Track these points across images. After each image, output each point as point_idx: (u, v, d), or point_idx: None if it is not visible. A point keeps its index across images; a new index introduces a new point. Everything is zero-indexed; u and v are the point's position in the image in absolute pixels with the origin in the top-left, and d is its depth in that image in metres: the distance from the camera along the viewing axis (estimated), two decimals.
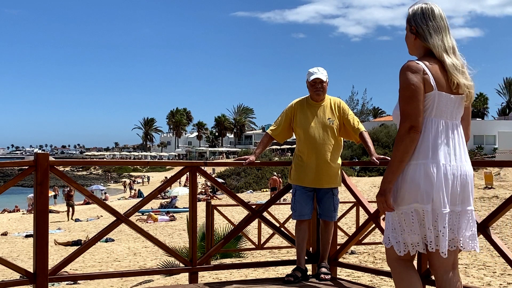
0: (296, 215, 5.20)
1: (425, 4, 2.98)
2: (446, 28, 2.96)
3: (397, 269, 3.00)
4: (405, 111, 2.85)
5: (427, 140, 2.88)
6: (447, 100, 2.91)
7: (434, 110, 2.90)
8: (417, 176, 2.83)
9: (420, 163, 2.85)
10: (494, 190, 24.80)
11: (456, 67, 2.91)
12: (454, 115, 2.96)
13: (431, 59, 2.92)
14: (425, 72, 2.86)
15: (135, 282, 9.73)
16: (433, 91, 2.87)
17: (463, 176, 2.92)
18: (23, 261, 13.85)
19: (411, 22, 2.99)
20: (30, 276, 4.51)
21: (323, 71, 5.17)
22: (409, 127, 2.82)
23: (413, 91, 2.83)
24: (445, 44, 2.92)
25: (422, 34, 2.94)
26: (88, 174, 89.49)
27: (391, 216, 2.94)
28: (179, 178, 5.69)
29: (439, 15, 2.96)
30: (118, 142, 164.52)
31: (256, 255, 10.82)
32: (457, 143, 2.94)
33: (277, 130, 5.32)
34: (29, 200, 32.19)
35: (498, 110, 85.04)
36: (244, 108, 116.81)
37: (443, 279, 2.98)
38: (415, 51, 3.03)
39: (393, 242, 2.94)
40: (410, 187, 2.84)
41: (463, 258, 8.83)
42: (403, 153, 2.83)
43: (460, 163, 2.91)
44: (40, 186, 4.48)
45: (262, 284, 5.06)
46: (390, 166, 2.87)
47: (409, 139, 2.82)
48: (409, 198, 2.85)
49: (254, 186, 39.16)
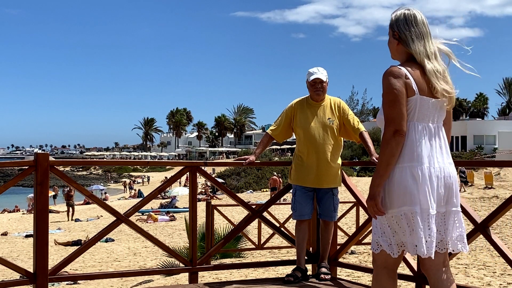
0: (296, 215, 5.20)
1: (408, 10, 3.04)
2: (428, 34, 3.01)
3: (381, 277, 3.07)
4: (389, 115, 2.91)
5: (410, 143, 2.93)
6: (429, 104, 2.97)
7: (416, 114, 2.96)
8: (403, 179, 2.89)
9: (405, 166, 2.90)
10: (494, 190, 24.82)
11: (436, 73, 2.96)
12: (436, 118, 3.02)
13: (413, 64, 2.98)
14: (407, 77, 2.92)
15: (135, 282, 9.74)
16: (415, 95, 2.93)
17: (447, 177, 2.97)
18: (23, 261, 13.85)
19: (394, 28, 3.05)
20: (30, 276, 4.51)
21: (323, 71, 5.17)
22: (394, 131, 2.88)
23: (396, 96, 2.89)
24: (426, 50, 2.98)
25: (404, 40, 3.00)
26: (88, 174, 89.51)
27: (380, 220, 2.98)
28: (179, 178, 5.69)
29: (421, 21, 3.02)
30: (118, 142, 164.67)
31: (256, 255, 10.83)
32: (439, 145, 3.01)
33: (277, 130, 5.32)
34: (29, 200, 32.19)
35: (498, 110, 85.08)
36: (244, 108, 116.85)
37: (435, 278, 3.02)
38: (398, 56, 3.08)
39: (385, 246, 2.96)
40: (398, 190, 2.89)
41: (463, 258, 8.83)
42: (390, 156, 2.88)
43: (443, 165, 2.97)
44: (40, 186, 4.48)
45: (262, 284, 5.07)
46: (377, 170, 2.92)
47: (394, 142, 2.88)
48: (398, 201, 2.89)
49: (254, 186, 39.17)
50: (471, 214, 4.35)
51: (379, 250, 2.99)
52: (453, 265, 8.15)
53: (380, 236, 2.98)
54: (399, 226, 2.90)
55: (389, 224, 2.94)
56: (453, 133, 58.61)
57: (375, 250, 3.01)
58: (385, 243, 2.96)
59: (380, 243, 2.97)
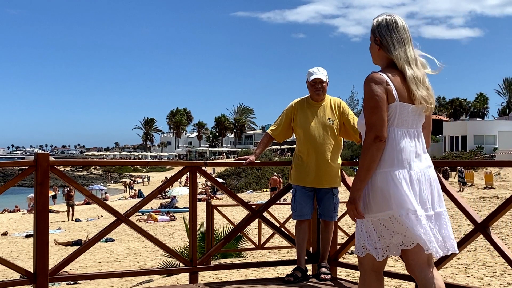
0: (296, 215, 5.20)
1: (389, 16, 3.09)
2: (408, 39, 3.06)
3: (368, 280, 3.11)
4: (370, 121, 2.96)
5: (391, 148, 2.98)
6: (409, 110, 3.02)
7: (396, 120, 3.00)
8: (386, 183, 2.94)
9: (388, 171, 2.95)
10: (494, 190, 24.81)
11: (416, 79, 3.01)
12: (415, 123, 3.08)
13: (393, 70, 3.03)
14: (388, 84, 2.97)
15: (135, 282, 9.74)
16: (395, 102, 2.98)
17: (428, 180, 3.02)
18: (23, 261, 13.85)
19: (375, 33, 3.09)
20: (30, 276, 4.51)
21: (323, 71, 5.17)
22: (375, 137, 2.93)
23: (377, 102, 2.94)
24: (407, 56, 3.03)
25: (385, 45, 3.05)
26: (88, 174, 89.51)
27: (365, 224, 3.02)
28: (179, 178, 5.69)
29: (402, 27, 3.06)
30: (118, 142, 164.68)
31: (256, 255, 10.82)
32: (419, 149, 3.06)
33: (277, 130, 5.32)
34: (29, 200, 32.19)
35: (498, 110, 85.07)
36: (244, 108, 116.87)
37: (421, 277, 3.06)
38: (379, 61, 3.12)
39: (370, 249, 3.00)
40: (382, 195, 2.94)
41: (463, 258, 8.83)
42: (370, 162, 2.94)
43: (423, 168, 3.03)
44: (40, 186, 4.48)
45: (262, 284, 5.07)
46: (358, 174, 2.97)
47: (375, 148, 2.93)
48: (383, 206, 2.93)
49: (254, 186, 39.17)
50: (471, 214, 4.35)
51: (365, 253, 3.03)
52: (453, 265, 8.15)
53: (365, 239, 3.02)
54: (386, 228, 2.94)
55: (375, 228, 2.98)
56: (453, 133, 58.42)
57: (360, 254, 3.06)
58: (371, 246, 3.00)
59: (366, 247, 3.02)
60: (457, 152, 49.52)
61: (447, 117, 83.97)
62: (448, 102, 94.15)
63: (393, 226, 2.93)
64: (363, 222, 3.02)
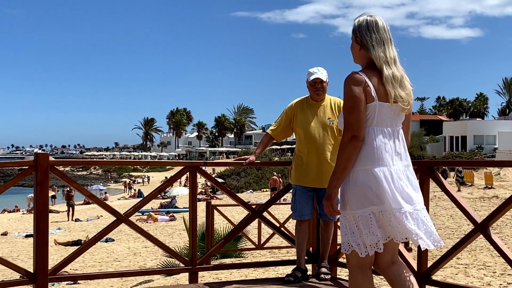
0: (296, 215, 5.20)
1: (370, 16, 3.17)
2: (388, 40, 3.13)
3: (356, 277, 3.15)
4: (347, 120, 3.04)
5: (372, 147, 3.05)
6: (388, 109, 3.09)
7: (376, 119, 3.07)
8: (368, 180, 3.01)
9: (369, 169, 3.02)
10: (494, 190, 24.80)
11: (393, 78, 3.07)
12: (395, 122, 3.15)
13: (373, 70, 3.10)
14: (367, 83, 3.04)
15: (135, 282, 9.74)
16: (374, 101, 3.05)
17: (406, 179, 3.09)
18: (23, 261, 13.85)
19: (356, 33, 3.16)
20: (30, 276, 4.51)
21: (323, 71, 5.17)
22: (351, 136, 3.01)
23: (355, 103, 3.02)
24: (386, 56, 3.09)
25: (366, 45, 3.12)
26: (88, 174, 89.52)
27: (348, 221, 3.07)
28: (179, 178, 5.69)
29: (382, 27, 3.13)
30: (118, 142, 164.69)
31: (256, 255, 10.82)
32: (398, 148, 3.13)
33: (277, 130, 5.33)
34: (29, 200, 32.19)
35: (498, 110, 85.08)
36: (244, 108, 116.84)
37: (389, 273, 3.17)
38: (360, 61, 3.20)
39: (354, 245, 3.05)
40: (363, 192, 3.01)
41: (463, 258, 8.83)
42: (346, 160, 3.03)
43: (402, 167, 3.10)
44: (40, 186, 4.48)
45: (262, 284, 5.07)
46: (334, 172, 3.07)
47: (351, 147, 3.02)
48: (364, 202, 3.00)
49: (254, 186, 39.19)
50: (471, 214, 4.35)
51: (350, 250, 3.07)
52: (453, 265, 8.15)
53: (350, 236, 3.07)
54: (365, 225, 3.00)
55: (357, 224, 3.03)
56: (453, 133, 58.30)
57: (346, 251, 3.10)
58: (354, 243, 3.05)
59: (351, 243, 3.06)
60: (457, 152, 49.49)
61: (447, 117, 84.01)
62: (448, 102, 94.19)
63: (374, 222, 2.99)
64: (346, 219, 3.08)
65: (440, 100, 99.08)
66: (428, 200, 4.72)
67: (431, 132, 61.36)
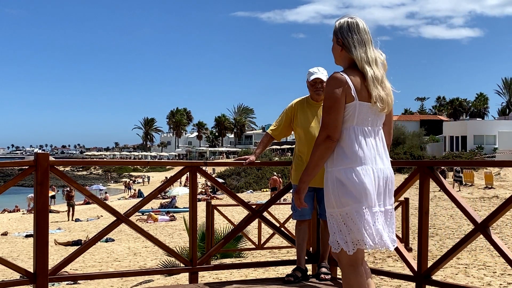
0: (296, 215, 5.20)
1: (351, 18, 3.22)
2: (369, 41, 3.19)
3: (349, 275, 3.17)
4: (324, 120, 3.10)
5: (354, 146, 3.09)
6: (368, 109, 3.13)
7: (356, 119, 3.11)
8: (352, 179, 3.04)
9: (352, 167, 3.06)
10: (494, 190, 24.80)
11: (374, 79, 3.12)
12: (375, 122, 3.19)
13: (354, 70, 3.15)
14: (348, 84, 3.08)
15: (135, 282, 9.74)
16: (354, 101, 3.09)
17: (385, 177, 3.15)
18: (23, 261, 13.85)
19: (337, 35, 3.22)
20: (30, 276, 4.51)
21: (323, 71, 5.17)
22: (326, 136, 3.07)
23: (333, 103, 3.08)
24: (367, 56, 3.15)
25: (347, 46, 3.17)
26: (88, 174, 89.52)
27: (335, 219, 3.10)
28: (179, 178, 5.68)
29: (363, 29, 3.19)
30: (118, 142, 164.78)
31: (256, 255, 10.82)
32: (379, 148, 3.18)
33: (277, 130, 5.33)
34: (29, 200, 32.20)
35: (498, 110, 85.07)
36: (244, 108, 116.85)
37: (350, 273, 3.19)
38: (341, 62, 3.25)
39: (342, 243, 3.08)
40: (346, 190, 3.05)
41: (463, 258, 8.83)
42: (319, 158, 3.11)
43: (383, 166, 3.15)
44: (40, 186, 4.48)
45: (262, 284, 5.06)
46: (306, 169, 3.17)
47: (324, 146, 3.08)
48: (348, 200, 3.04)
49: (254, 186, 39.18)
50: (471, 214, 4.34)
51: (340, 249, 3.10)
52: (453, 265, 8.15)
53: (338, 234, 3.10)
54: (353, 223, 3.04)
55: (345, 222, 3.07)
56: (453, 133, 58.36)
57: (336, 250, 3.12)
58: (342, 240, 3.08)
59: (339, 241, 3.09)
60: (457, 152, 49.47)
61: (447, 117, 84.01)
62: (448, 102, 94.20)
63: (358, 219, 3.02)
64: (333, 217, 3.11)
65: (440, 100, 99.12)
66: (428, 200, 4.72)
67: (431, 132, 61.37)
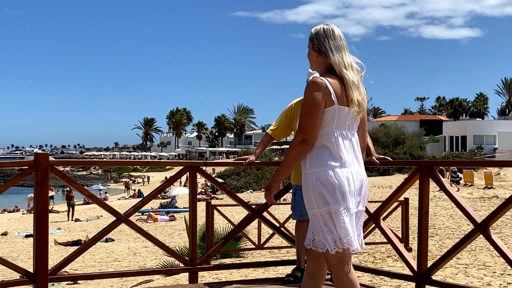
0: (296, 215, 5.20)
1: (327, 25, 3.30)
2: (344, 47, 3.27)
3: (339, 274, 3.21)
4: (301, 124, 3.15)
5: (333, 148, 3.16)
6: (346, 113, 3.20)
7: (335, 122, 3.17)
8: (331, 180, 3.10)
9: (331, 169, 3.12)
10: (494, 190, 24.81)
11: (352, 83, 3.19)
12: (351, 126, 3.26)
13: (332, 75, 3.21)
14: (328, 88, 3.14)
15: (135, 282, 9.74)
16: (334, 105, 3.15)
17: (361, 180, 3.23)
18: (23, 261, 13.85)
19: (314, 41, 3.29)
20: (30, 276, 4.52)
21: None
22: (302, 140, 3.13)
23: (312, 108, 3.12)
24: (344, 61, 3.22)
25: (324, 52, 3.24)
26: (88, 174, 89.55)
27: (317, 219, 3.15)
28: (179, 178, 5.69)
29: (338, 35, 3.27)
30: (118, 142, 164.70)
31: (256, 255, 10.82)
32: (356, 150, 3.26)
33: (277, 130, 5.33)
34: (29, 200, 32.20)
35: (498, 110, 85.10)
36: (244, 108, 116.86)
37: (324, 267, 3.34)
38: (317, 67, 3.32)
39: (326, 243, 3.12)
40: (325, 191, 3.10)
41: (463, 258, 8.83)
42: (292, 160, 3.18)
43: (359, 169, 3.23)
44: (40, 186, 4.48)
45: (262, 284, 5.07)
46: (279, 168, 3.23)
47: (299, 149, 3.15)
48: (327, 200, 3.10)
49: (254, 186, 39.14)
50: (471, 214, 4.35)
51: (325, 249, 3.13)
52: (453, 265, 8.15)
53: (320, 234, 3.14)
54: (333, 223, 3.09)
55: (324, 222, 3.12)
56: (453, 133, 58.32)
57: (321, 250, 3.15)
58: (325, 240, 3.12)
59: (322, 241, 3.13)
60: (457, 152, 49.49)
61: (447, 117, 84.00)
62: (448, 102, 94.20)
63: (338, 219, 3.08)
64: (315, 217, 3.15)
65: (440, 100, 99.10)
66: (428, 200, 4.72)
67: (431, 132, 61.38)
